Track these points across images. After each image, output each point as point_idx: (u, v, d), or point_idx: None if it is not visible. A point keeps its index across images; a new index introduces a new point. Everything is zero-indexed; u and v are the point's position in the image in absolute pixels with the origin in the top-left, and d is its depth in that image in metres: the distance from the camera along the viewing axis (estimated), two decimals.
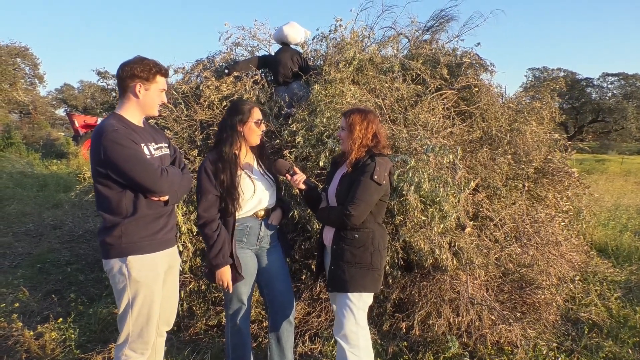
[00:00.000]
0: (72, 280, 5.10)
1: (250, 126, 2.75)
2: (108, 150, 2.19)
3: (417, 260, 3.59)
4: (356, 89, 4.24)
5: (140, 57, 2.39)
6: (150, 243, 2.37)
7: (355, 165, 2.62)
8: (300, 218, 3.68)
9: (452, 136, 4.33)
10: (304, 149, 3.85)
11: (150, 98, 2.40)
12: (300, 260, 3.93)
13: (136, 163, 2.22)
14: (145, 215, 2.35)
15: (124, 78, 2.36)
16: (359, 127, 2.64)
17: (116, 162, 2.20)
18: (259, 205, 2.79)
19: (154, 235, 2.39)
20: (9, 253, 6.14)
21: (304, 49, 5.41)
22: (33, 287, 4.90)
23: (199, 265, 3.84)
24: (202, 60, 5.36)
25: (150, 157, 2.35)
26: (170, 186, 2.35)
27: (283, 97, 4.62)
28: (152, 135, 2.49)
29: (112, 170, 2.23)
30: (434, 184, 3.45)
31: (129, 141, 2.24)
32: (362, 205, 2.53)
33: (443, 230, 3.51)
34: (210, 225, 2.64)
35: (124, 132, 2.25)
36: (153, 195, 2.34)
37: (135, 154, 2.24)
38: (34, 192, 10.22)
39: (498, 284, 4.01)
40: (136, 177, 2.23)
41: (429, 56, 5.02)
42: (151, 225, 2.39)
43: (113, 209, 2.31)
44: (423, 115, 4.27)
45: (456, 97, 4.70)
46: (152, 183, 2.27)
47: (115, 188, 2.29)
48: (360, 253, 2.59)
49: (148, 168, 2.25)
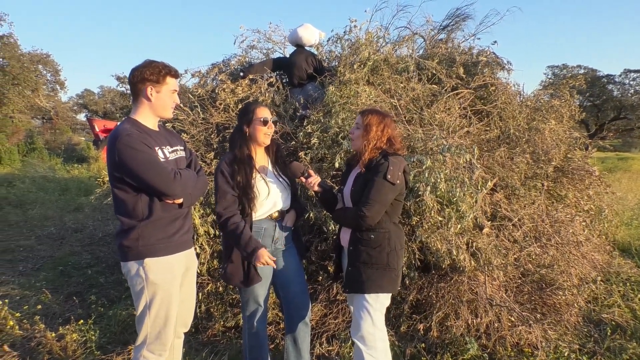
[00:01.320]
0: (92, 283, 5.18)
1: (256, 125, 2.75)
2: (122, 154, 2.21)
3: (435, 261, 3.56)
4: (371, 90, 4.23)
5: (149, 61, 2.41)
6: (166, 245, 2.39)
7: (369, 165, 2.61)
8: (316, 219, 3.68)
9: (468, 136, 4.29)
10: (319, 151, 3.85)
11: (162, 100, 2.42)
12: (317, 261, 3.93)
13: (149, 166, 2.24)
14: (161, 217, 2.37)
15: (135, 82, 2.38)
16: (375, 129, 2.62)
17: (130, 165, 2.22)
18: (274, 207, 2.80)
19: (170, 238, 2.41)
20: (32, 256, 6.26)
21: (319, 50, 5.41)
22: (55, 289, 4.98)
23: (216, 267, 3.87)
24: (218, 64, 5.40)
25: (164, 160, 2.37)
26: (183, 189, 2.37)
27: (298, 98, 4.63)
28: (167, 139, 2.51)
29: (126, 174, 2.25)
30: (451, 184, 3.42)
31: (142, 145, 2.26)
32: (376, 206, 2.51)
33: (460, 230, 3.48)
34: (233, 219, 2.65)
35: (138, 136, 2.28)
36: (167, 198, 2.36)
37: (148, 157, 2.26)
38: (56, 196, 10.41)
39: (517, 285, 3.96)
40: (149, 180, 2.25)
41: (444, 55, 4.99)
42: (167, 227, 2.41)
43: (129, 212, 2.33)
44: (439, 115, 4.24)
45: (473, 96, 4.66)
46: (165, 186, 2.28)
47: (130, 191, 2.31)
48: (376, 254, 2.57)
49: (161, 171, 2.27)
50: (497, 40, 5.03)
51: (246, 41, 5.44)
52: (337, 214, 2.77)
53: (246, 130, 2.76)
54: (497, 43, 5.06)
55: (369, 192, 2.53)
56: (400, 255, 2.66)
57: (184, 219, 2.50)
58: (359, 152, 2.68)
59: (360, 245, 2.60)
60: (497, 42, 5.07)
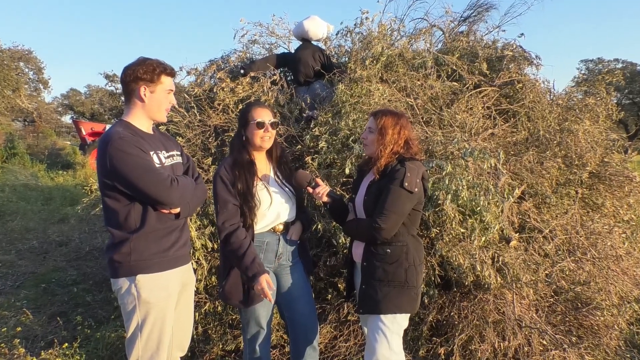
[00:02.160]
0: (78, 302, 5.20)
1: (251, 128, 2.77)
2: (114, 160, 2.23)
3: (456, 277, 3.55)
4: (385, 88, 4.24)
5: (143, 58, 2.44)
6: (161, 260, 2.41)
7: (384, 172, 2.61)
8: (324, 232, 3.67)
9: (493, 138, 4.28)
10: (328, 155, 3.85)
11: (156, 101, 2.44)
12: (326, 278, 3.92)
13: (144, 172, 2.26)
14: (156, 229, 2.39)
15: (128, 82, 2.41)
16: (391, 132, 2.62)
17: (123, 171, 2.24)
18: (277, 219, 2.80)
19: (165, 252, 2.43)
20: (12, 272, 6.30)
21: (327, 45, 5.44)
22: (37, 309, 5.01)
23: (214, 284, 3.87)
24: (216, 60, 5.45)
25: (160, 165, 2.39)
26: (181, 197, 2.38)
27: (304, 98, 4.65)
28: (162, 143, 2.53)
29: (118, 181, 2.27)
30: (474, 192, 3.41)
31: (137, 149, 2.28)
32: (393, 217, 2.51)
33: (485, 243, 3.47)
34: (236, 234, 2.64)
35: (131, 140, 2.30)
36: (163, 208, 2.37)
37: (143, 162, 2.28)
38: (39, 206, 10.48)
39: (549, 304, 3.93)
40: (144, 188, 2.27)
41: (466, 50, 4.99)
42: (162, 240, 2.42)
43: (121, 224, 2.35)
44: (460, 115, 4.23)
45: (497, 95, 4.65)
46: (161, 194, 2.30)
47: (122, 200, 2.33)
48: (393, 270, 2.57)
49: (157, 178, 2.29)
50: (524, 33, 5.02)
51: (247, 35, 5.50)
52: (349, 226, 2.77)
53: (243, 134, 2.79)
54: (524, 35, 5.06)
55: (384, 202, 2.53)
56: (420, 271, 2.65)
57: (180, 231, 2.52)
58: (373, 158, 2.68)
59: (375, 260, 2.59)
60: (524, 35, 5.06)
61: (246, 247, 2.62)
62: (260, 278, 2.58)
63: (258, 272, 2.60)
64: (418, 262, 2.63)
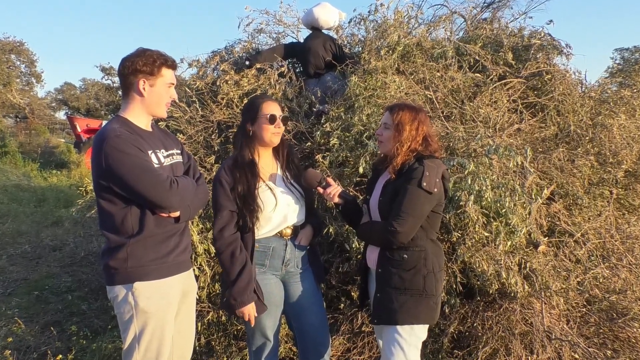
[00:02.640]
0: (73, 310, 5.24)
1: (261, 123, 2.75)
2: (110, 159, 2.24)
3: (480, 285, 3.53)
4: (402, 80, 4.23)
5: (142, 49, 2.44)
6: (159, 267, 2.41)
7: (400, 171, 2.59)
8: (336, 235, 3.67)
9: (519, 134, 4.26)
10: (340, 153, 3.85)
11: (156, 95, 2.44)
12: (338, 286, 3.92)
13: (142, 173, 2.27)
14: (154, 234, 2.39)
15: (126, 75, 2.41)
16: (409, 127, 2.60)
17: (119, 172, 2.25)
18: (284, 222, 2.79)
19: (164, 258, 2.43)
20: (3, 279, 6.36)
21: (339, 34, 5.43)
22: (29, 318, 5.05)
23: (218, 292, 3.88)
24: (219, 51, 5.46)
25: (159, 166, 2.40)
26: (181, 200, 2.39)
27: (314, 91, 4.64)
28: (161, 141, 2.54)
29: (114, 182, 2.28)
30: (499, 193, 3.39)
31: (134, 148, 2.29)
32: (410, 220, 2.49)
33: (511, 248, 3.45)
34: (228, 250, 2.65)
35: (128, 138, 2.30)
36: (162, 211, 2.38)
37: (140, 162, 2.28)
38: (31, 208, 10.58)
39: (581, 315, 3.90)
40: (142, 190, 2.28)
41: (489, 38, 4.97)
42: (161, 246, 2.43)
43: (117, 228, 2.36)
44: (484, 109, 4.22)
45: (524, 87, 4.63)
46: (160, 197, 2.31)
47: (119, 203, 2.34)
48: (410, 277, 2.56)
49: (156, 179, 2.29)
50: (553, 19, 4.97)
51: (253, 24, 5.50)
52: (363, 230, 2.75)
53: (249, 129, 2.77)
54: (553, 22, 5.01)
55: (400, 203, 2.51)
56: (439, 278, 2.64)
57: (180, 236, 2.52)
58: (389, 156, 2.67)
59: (391, 266, 2.58)
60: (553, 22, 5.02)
61: (237, 270, 2.63)
62: (244, 309, 2.64)
63: (243, 302, 2.63)
64: (438, 269, 2.62)
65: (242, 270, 2.63)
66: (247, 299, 2.63)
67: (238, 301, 2.62)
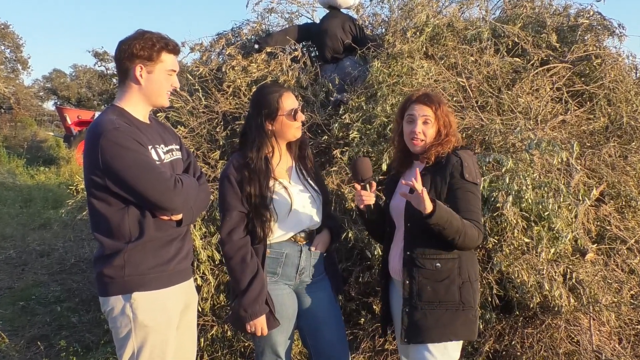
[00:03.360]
0: (62, 323, 5.28)
1: (283, 121, 2.73)
2: (108, 155, 2.24)
3: (519, 298, 3.51)
4: (430, 65, 4.21)
5: (141, 31, 2.43)
6: (160, 275, 2.41)
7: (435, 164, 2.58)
8: (356, 241, 3.67)
9: (564, 126, 4.24)
10: (361, 148, 3.85)
11: (155, 83, 2.44)
12: (357, 298, 3.91)
13: (143, 171, 2.27)
14: (154, 238, 2.39)
15: (122, 60, 2.41)
16: (453, 120, 2.69)
17: (118, 169, 2.25)
18: (299, 226, 2.78)
19: (165, 265, 2.43)
20: None
21: (359, 13, 5.43)
22: (14, 331, 5.10)
23: (222, 304, 3.89)
24: (226, 34, 5.47)
25: (159, 163, 2.40)
26: (185, 201, 2.38)
27: (332, 78, 4.63)
28: (160, 135, 2.54)
29: (112, 181, 2.28)
30: (541, 193, 3.37)
31: (135, 142, 2.29)
32: (480, 217, 2.56)
33: (554, 256, 3.43)
34: (238, 256, 2.64)
35: (127, 131, 2.30)
36: (163, 214, 2.37)
37: (142, 158, 2.28)
38: (17, 209, 10.69)
39: (636, 332, 3.87)
40: (143, 190, 2.27)
41: (530, 17, 4.94)
42: (162, 251, 2.42)
43: (113, 232, 2.36)
44: (524, 98, 4.19)
45: (570, 73, 4.59)
46: (163, 198, 2.30)
47: (115, 204, 2.33)
48: (444, 288, 2.54)
49: (159, 177, 2.29)
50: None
51: (262, 3, 5.50)
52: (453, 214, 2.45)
53: (269, 128, 2.74)
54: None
55: (464, 200, 2.50)
56: (476, 288, 2.62)
57: (182, 241, 2.52)
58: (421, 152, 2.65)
59: (422, 276, 2.55)
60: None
61: (248, 277, 2.62)
62: (256, 321, 2.62)
63: (255, 313, 2.61)
64: (474, 278, 2.61)
65: (254, 279, 2.62)
66: (259, 310, 2.62)
67: (249, 313, 2.61)
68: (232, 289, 2.84)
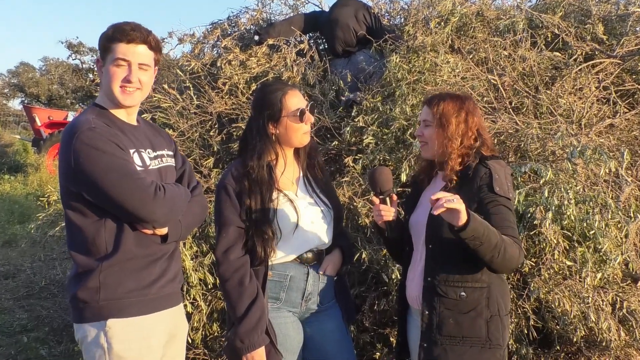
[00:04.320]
0: (29, 357, 5.27)
1: (287, 123, 2.73)
2: (81, 158, 2.25)
3: (560, 330, 3.51)
4: (457, 60, 4.22)
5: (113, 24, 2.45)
6: (140, 300, 2.41)
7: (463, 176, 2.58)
8: (371, 263, 3.66)
9: (613, 131, 4.23)
10: (376, 155, 3.86)
11: (105, 77, 2.43)
12: (372, 328, 3.91)
13: (118, 176, 2.27)
14: (133, 256, 2.39)
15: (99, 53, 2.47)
16: (455, 120, 2.61)
17: (91, 175, 2.25)
18: (306, 245, 2.78)
19: (146, 289, 2.43)
20: None
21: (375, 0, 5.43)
22: None
23: (216, 334, 3.90)
24: (221, 23, 5.49)
25: (143, 169, 2.41)
26: (169, 212, 2.38)
27: (343, 74, 4.65)
28: (149, 139, 2.55)
29: (85, 188, 2.28)
30: (585, 209, 3.38)
31: (111, 144, 2.30)
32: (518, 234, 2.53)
33: (601, 282, 3.42)
34: (235, 278, 2.64)
35: (104, 132, 2.31)
36: (144, 227, 2.38)
37: (118, 162, 2.29)
38: None
39: None
40: (118, 198, 2.27)
41: (573, 6, 4.95)
42: (142, 272, 2.42)
43: (87, 247, 2.36)
44: (565, 98, 4.19)
45: (619, 70, 4.58)
46: (141, 207, 2.30)
47: (90, 215, 2.34)
48: (469, 321, 2.53)
49: (136, 184, 2.29)
50: None
51: None
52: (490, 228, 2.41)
53: (272, 132, 2.74)
54: None
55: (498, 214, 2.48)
56: (506, 324, 2.60)
57: (168, 260, 2.52)
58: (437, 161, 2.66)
59: (444, 307, 2.55)
60: None
61: (245, 304, 2.61)
62: (254, 353, 2.60)
63: (254, 344, 2.60)
64: (503, 312, 2.58)
65: (253, 304, 2.61)
66: (258, 341, 2.60)
67: (246, 344, 2.60)
68: (228, 316, 2.84)
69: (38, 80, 41.43)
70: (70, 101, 39.40)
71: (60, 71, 41.11)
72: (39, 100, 39.53)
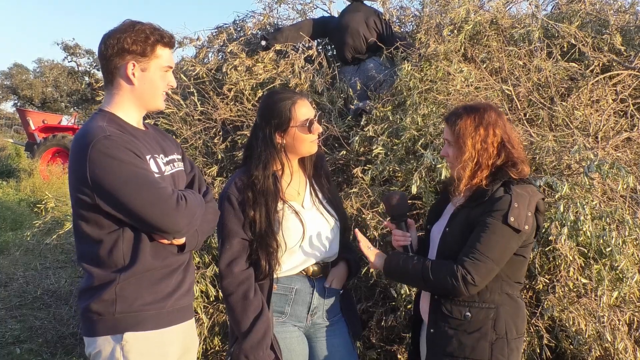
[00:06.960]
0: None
1: (295, 133, 2.73)
2: (98, 168, 2.23)
3: (574, 350, 3.51)
4: (470, 69, 4.23)
5: (131, 22, 2.43)
6: (157, 313, 2.39)
7: (476, 196, 2.56)
8: (378, 277, 3.67)
9: (630, 145, 4.23)
10: (386, 166, 3.86)
11: (150, 82, 2.44)
12: (379, 345, 3.91)
13: (141, 187, 2.25)
14: (151, 268, 2.37)
15: (110, 56, 2.40)
16: (470, 141, 2.57)
17: (111, 185, 2.24)
18: (312, 257, 2.79)
19: (163, 301, 2.41)
20: None
21: (386, 6, 5.45)
22: None
23: (217, 349, 3.90)
24: (227, 27, 5.51)
25: (159, 176, 2.40)
26: (190, 222, 2.37)
27: (352, 82, 4.66)
28: (159, 143, 2.55)
29: (103, 199, 2.26)
30: (602, 225, 3.38)
31: (129, 153, 2.28)
32: (488, 264, 2.43)
33: (618, 301, 3.42)
34: (239, 291, 2.65)
35: (121, 140, 2.30)
36: (164, 237, 2.37)
37: (138, 172, 2.27)
38: None
39: None
40: (140, 209, 2.25)
41: (590, 15, 4.96)
42: (160, 285, 2.40)
43: (103, 259, 2.33)
44: (581, 110, 4.20)
45: (637, 82, 4.59)
46: (165, 218, 2.28)
47: (107, 226, 2.31)
48: (473, 342, 2.52)
49: (159, 195, 2.28)
50: None
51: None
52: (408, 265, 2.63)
53: (279, 141, 2.75)
54: None
55: (477, 240, 2.46)
56: (515, 347, 2.56)
57: (184, 272, 2.51)
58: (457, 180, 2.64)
59: (447, 326, 2.55)
60: None
61: (250, 319, 2.62)
62: None
63: (262, 358, 2.61)
64: (513, 335, 2.54)
65: (258, 319, 2.62)
66: (263, 356, 2.61)
67: (250, 359, 2.63)
68: (232, 331, 2.83)
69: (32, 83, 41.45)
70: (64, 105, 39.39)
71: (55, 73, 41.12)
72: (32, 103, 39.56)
